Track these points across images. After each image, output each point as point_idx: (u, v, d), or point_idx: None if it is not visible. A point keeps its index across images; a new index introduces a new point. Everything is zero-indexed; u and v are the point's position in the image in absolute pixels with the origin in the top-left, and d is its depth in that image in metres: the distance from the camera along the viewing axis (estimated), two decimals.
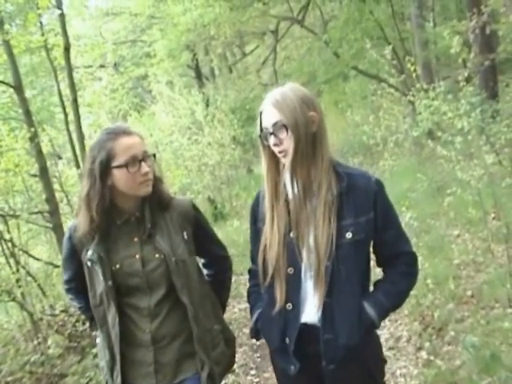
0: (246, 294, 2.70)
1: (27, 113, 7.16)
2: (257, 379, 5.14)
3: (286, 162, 2.34)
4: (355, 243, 2.29)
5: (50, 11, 7.96)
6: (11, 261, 6.58)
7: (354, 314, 2.31)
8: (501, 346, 4.23)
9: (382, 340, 5.18)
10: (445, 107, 6.94)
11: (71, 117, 7.95)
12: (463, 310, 5.11)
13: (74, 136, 8.00)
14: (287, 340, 2.41)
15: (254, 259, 2.60)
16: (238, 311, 6.80)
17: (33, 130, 6.87)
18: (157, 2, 17.97)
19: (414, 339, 5.02)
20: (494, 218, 6.48)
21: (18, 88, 7.17)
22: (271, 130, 2.32)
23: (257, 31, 19.62)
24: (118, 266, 2.57)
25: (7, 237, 6.61)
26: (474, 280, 5.57)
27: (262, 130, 2.39)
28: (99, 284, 2.57)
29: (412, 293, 5.29)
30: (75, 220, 2.67)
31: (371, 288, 2.49)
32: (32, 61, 12.66)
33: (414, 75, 8.16)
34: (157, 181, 2.65)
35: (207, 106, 16.30)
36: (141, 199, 2.62)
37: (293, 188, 2.37)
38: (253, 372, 5.28)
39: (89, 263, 2.57)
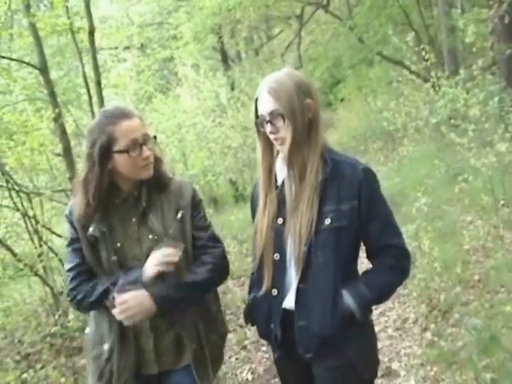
0: None
1: (52, 94, 7.31)
2: (267, 355, 5.31)
3: (283, 149, 2.33)
4: (335, 230, 2.26)
5: None
6: (34, 237, 6.78)
7: (328, 301, 2.28)
8: (502, 329, 4.36)
9: (390, 321, 5.36)
10: (463, 95, 7.03)
11: (95, 98, 8.13)
12: (469, 293, 5.25)
13: None
14: (272, 326, 2.43)
15: None
16: (238, 291, 7.01)
17: (57, 110, 7.04)
18: None
19: (421, 321, 5.16)
20: (503, 205, 6.57)
21: (44, 70, 7.32)
22: (267, 118, 2.31)
23: (282, 15, 19.63)
24: (119, 244, 2.55)
25: (31, 214, 6.81)
26: (482, 265, 5.70)
27: (257, 116, 2.38)
28: (103, 262, 2.54)
29: (421, 276, 5.50)
30: (71, 202, 2.65)
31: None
32: (59, 42, 12.82)
33: (432, 62, 8.19)
34: (157, 161, 2.63)
35: (232, 89, 16.41)
36: (140, 180, 2.60)
37: (289, 175, 2.36)
38: (264, 348, 5.45)
39: (92, 239, 2.53)
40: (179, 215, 2.60)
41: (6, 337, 7.20)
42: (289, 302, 2.37)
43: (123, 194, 2.59)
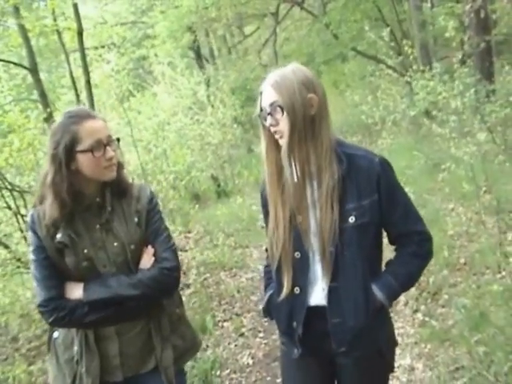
0: (251, 264, 2.70)
1: (42, 94, 7.47)
2: (265, 341, 5.52)
3: (283, 143, 2.31)
4: (359, 227, 2.27)
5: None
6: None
7: (360, 296, 2.30)
8: (490, 307, 4.61)
9: None
10: (440, 88, 7.28)
11: (82, 97, 8.28)
12: (456, 276, 5.50)
13: None
14: (294, 324, 2.42)
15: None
16: (245, 280, 7.17)
17: (49, 110, 7.18)
18: None
19: (411, 303, 5.40)
20: (485, 192, 6.85)
21: (34, 70, 7.49)
22: (268, 110, 2.31)
23: (257, 13, 19.80)
24: (86, 251, 2.48)
25: (24, 212, 6.92)
26: (467, 249, 5.96)
27: (261, 109, 2.37)
28: (72, 268, 2.47)
29: None
30: (35, 210, 2.55)
31: (383, 269, 2.48)
32: (38, 43, 12.90)
33: (411, 57, 8.43)
34: (119, 166, 2.59)
35: (208, 86, 16.55)
36: (101, 184, 2.56)
37: (291, 171, 2.33)
38: (261, 335, 5.66)
39: (59, 246, 2.45)
40: (136, 220, 2.59)
41: (1, 334, 7.31)
42: (314, 300, 2.38)
43: (85, 200, 2.54)
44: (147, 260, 2.58)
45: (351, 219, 2.26)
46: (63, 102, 13.18)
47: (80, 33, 7.54)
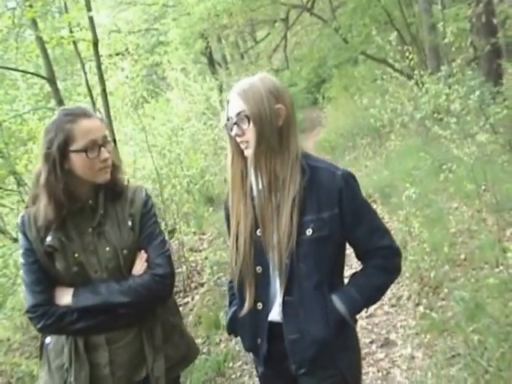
0: None
1: (60, 103, 7.72)
2: None
3: (249, 154, 2.27)
4: (316, 240, 2.21)
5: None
6: None
7: (318, 309, 2.23)
8: (487, 299, 4.86)
9: (385, 299, 5.85)
10: (446, 90, 7.51)
11: (98, 105, 8.58)
12: (456, 271, 5.75)
13: None
14: (259, 341, 2.36)
15: None
16: None
17: None
18: None
19: (413, 297, 5.67)
20: (484, 191, 7.08)
21: (51, 80, 7.77)
22: (234, 120, 2.26)
23: (268, 19, 20.04)
24: (76, 255, 2.43)
25: None
26: (468, 245, 6.20)
27: (228, 119, 2.32)
28: (62, 273, 2.42)
29: (412, 258, 6.00)
30: (26, 211, 2.49)
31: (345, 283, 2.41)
32: (54, 52, 13.19)
33: (413, 60, 8.63)
34: (114, 168, 2.54)
35: (221, 92, 16.80)
36: (95, 187, 2.50)
37: (257, 183, 2.30)
38: None
39: (49, 250, 2.40)
40: (129, 223, 2.53)
41: (23, 333, 7.58)
42: (275, 315, 2.32)
43: (77, 202, 2.46)
44: (140, 266, 2.52)
45: (308, 232, 2.20)
46: None
47: (95, 43, 7.82)
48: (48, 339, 2.57)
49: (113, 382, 2.49)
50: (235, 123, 2.26)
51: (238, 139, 2.28)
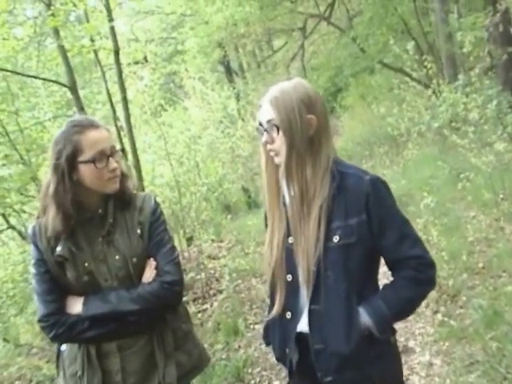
0: None
1: (81, 110, 7.83)
2: None
3: (280, 163, 2.24)
4: (344, 247, 2.14)
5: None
6: None
7: (342, 320, 2.16)
8: (505, 307, 4.90)
9: None
10: (463, 99, 7.56)
11: (119, 113, 8.70)
12: (474, 279, 5.77)
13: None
14: (287, 351, 2.31)
15: None
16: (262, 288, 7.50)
17: None
18: (189, 1, 18.47)
19: (432, 305, 5.68)
20: (503, 199, 7.11)
21: (73, 88, 7.88)
22: (265, 127, 2.24)
23: (285, 28, 20.12)
24: (86, 264, 2.44)
25: None
26: (486, 254, 6.22)
27: (260, 124, 2.30)
28: (73, 282, 2.43)
29: None
30: (37, 222, 2.51)
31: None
32: (74, 61, 13.34)
33: (431, 69, 8.67)
34: (123, 177, 2.55)
35: (238, 100, 16.87)
36: (104, 196, 2.51)
37: (289, 192, 2.27)
38: None
39: (59, 259, 2.42)
40: (138, 231, 2.53)
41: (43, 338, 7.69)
42: (303, 326, 2.25)
43: (87, 212, 2.48)
44: (149, 273, 2.53)
45: (335, 238, 2.14)
46: (98, 118, 13.56)
47: (117, 52, 7.94)
48: (63, 347, 2.59)
49: None
50: (265, 130, 2.24)
51: (268, 146, 2.26)
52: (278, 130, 2.18)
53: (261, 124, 2.28)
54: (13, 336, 7.31)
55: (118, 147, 2.52)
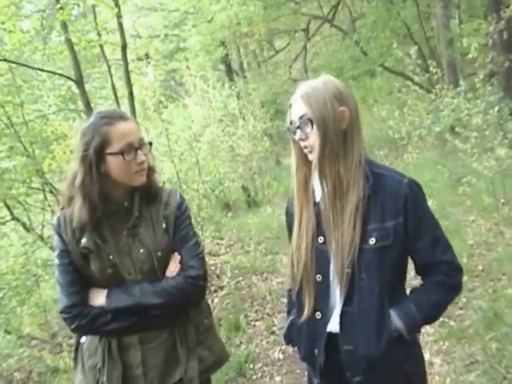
0: (282, 269, 2.45)
1: (87, 104, 7.87)
2: None
3: (313, 158, 2.21)
4: (380, 250, 2.13)
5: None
6: None
7: (374, 322, 2.15)
8: (504, 309, 4.99)
9: None
10: (465, 105, 7.63)
11: (124, 108, 8.74)
12: (474, 281, 5.85)
13: None
14: (316, 351, 2.30)
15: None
16: (275, 284, 7.55)
17: None
18: None
19: None
20: (503, 204, 7.20)
21: (79, 81, 7.92)
22: (298, 124, 2.21)
23: (288, 29, 20.16)
24: (111, 257, 2.44)
25: None
26: (485, 257, 6.32)
27: (291, 123, 2.28)
28: (96, 274, 2.43)
29: None
30: (62, 212, 2.50)
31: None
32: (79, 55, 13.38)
33: (437, 75, 8.74)
34: (150, 171, 2.53)
35: (238, 99, 16.92)
36: (131, 189, 2.50)
37: (322, 188, 2.22)
38: None
39: (84, 251, 2.41)
40: (164, 225, 2.53)
41: (45, 330, 7.74)
42: (333, 326, 2.24)
43: (113, 204, 2.47)
44: (173, 267, 2.51)
45: (371, 241, 2.13)
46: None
47: (124, 47, 8.00)
48: (83, 339, 2.58)
49: (145, 383, 2.48)
50: (298, 127, 2.21)
51: (302, 143, 2.23)
52: (312, 125, 2.16)
53: (292, 122, 2.26)
54: (15, 327, 7.34)
55: (146, 140, 2.50)
